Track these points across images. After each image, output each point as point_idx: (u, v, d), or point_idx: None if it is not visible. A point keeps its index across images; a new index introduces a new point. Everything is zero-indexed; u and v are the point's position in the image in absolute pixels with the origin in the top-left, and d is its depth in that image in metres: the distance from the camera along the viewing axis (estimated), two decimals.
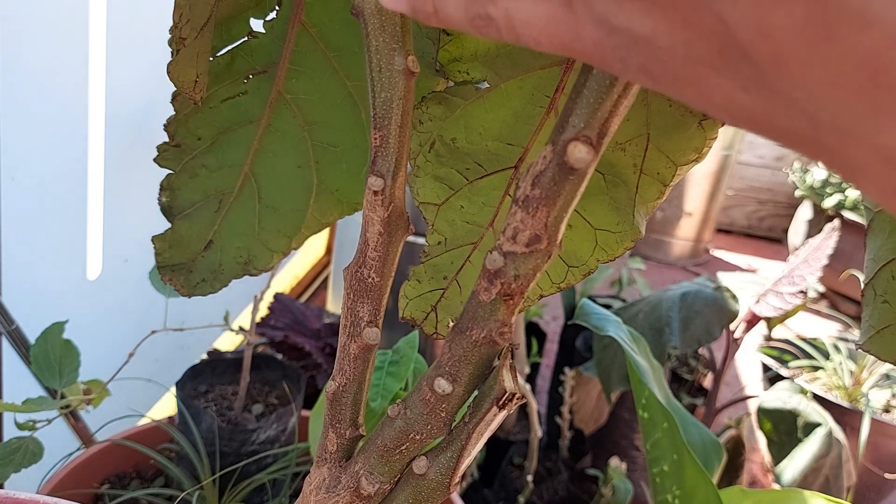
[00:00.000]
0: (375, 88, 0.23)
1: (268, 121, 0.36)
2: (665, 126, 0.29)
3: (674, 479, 0.50)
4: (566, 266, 0.33)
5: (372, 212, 0.24)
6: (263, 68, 0.34)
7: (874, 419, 1.11)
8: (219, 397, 0.77)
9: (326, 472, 0.27)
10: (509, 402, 0.23)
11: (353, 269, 0.25)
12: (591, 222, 0.32)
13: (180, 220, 0.37)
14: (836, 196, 2.46)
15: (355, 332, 0.26)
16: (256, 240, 0.38)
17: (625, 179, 0.30)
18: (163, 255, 0.37)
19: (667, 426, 0.51)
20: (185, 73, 0.29)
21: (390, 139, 0.24)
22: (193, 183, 0.36)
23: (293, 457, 0.71)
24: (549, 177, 0.19)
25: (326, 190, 0.37)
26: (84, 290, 0.84)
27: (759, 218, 3.41)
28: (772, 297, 1.05)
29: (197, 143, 0.35)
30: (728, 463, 0.88)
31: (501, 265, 0.21)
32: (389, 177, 0.24)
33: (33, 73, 0.70)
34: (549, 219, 0.20)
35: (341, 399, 0.26)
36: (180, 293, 0.37)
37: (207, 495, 0.67)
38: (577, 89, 0.19)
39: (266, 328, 1.00)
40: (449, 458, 0.24)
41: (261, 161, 0.37)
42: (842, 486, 0.92)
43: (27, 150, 0.71)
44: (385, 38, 0.23)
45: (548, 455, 1.09)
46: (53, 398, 0.64)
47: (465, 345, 0.22)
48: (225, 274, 0.38)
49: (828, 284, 2.41)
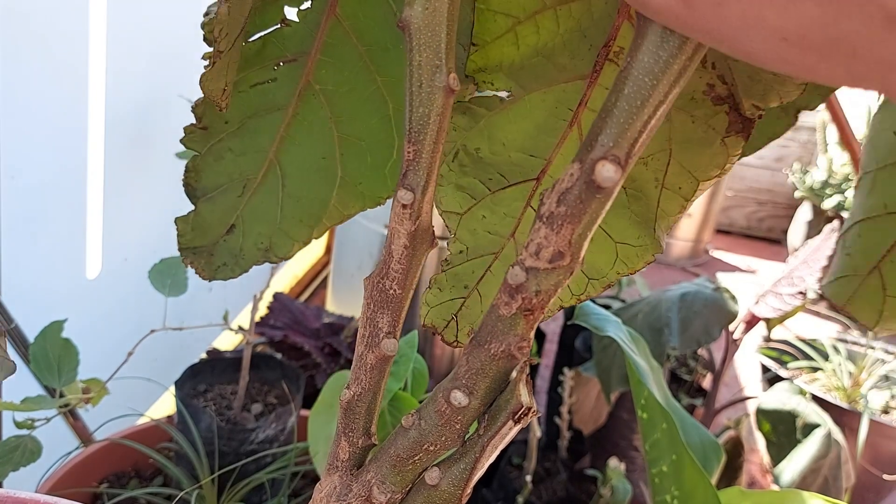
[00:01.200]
0: (413, 103, 0.23)
1: (295, 109, 0.36)
2: (688, 142, 0.29)
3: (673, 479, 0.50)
4: (587, 278, 0.33)
5: (399, 224, 0.24)
6: (294, 57, 0.34)
7: (873, 420, 1.11)
8: (218, 397, 0.77)
9: (338, 481, 0.27)
10: (525, 416, 0.23)
11: (374, 280, 0.25)
12: (612, 235, 0.32)
13: (204, 203, 0.37)
14: (836, 197, 2.46)
15: (373, 342, 0.26)
16: (278, 228, 0.38)
17: (646, 193, 0.30)
18: (185, 236, 0.37)
19: (666, 427, 0.51)
20: (216, 83, 0.29)
21: (423, 154, 0.24)
22: (218, 166, 0.36)
23: (292, 456, 0.71)
24: (575, 194, 0.20)
25: (350, 183, 0.37)
26: (83, 289, 0.84)
27: (758, 219, 3.41)
28: (771, 298, 1.05)
29: (224, 127, 0.35)
30: (727, 464, 0.88)
31: (523, 280, 0.21)
32: (419, 191, 0.24)
33: (33, 72, 0.70)
34: (574, 236, 0.20)
35: (356, 408, 0.26)
36: (201, 276, 0.37)
37: (206, 494, 0.67)
38: (608, 108, 0.19)
39: (265, 328, 1.01)
40: (462, 469, 0.24)
41: (286, 149, 0.37)
42: (840, 487, 0.92)
43: (27, 149, 0.71)
44: (429, 54, 0.23)
45: (547, 455, 1.09)
46: (52, 397, 0.64)
47: (482, 358, 0.22)
48: (246, 259, 0.38)
49: None
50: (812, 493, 0.48)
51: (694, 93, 0.28)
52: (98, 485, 0.71)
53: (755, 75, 0.26)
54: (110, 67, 0.79)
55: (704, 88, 0.28)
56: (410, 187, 0.24)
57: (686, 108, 0.28)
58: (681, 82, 0.19)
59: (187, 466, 0.70)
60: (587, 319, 0.59)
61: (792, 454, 0.95)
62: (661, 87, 0.19)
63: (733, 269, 2.85)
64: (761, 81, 0.26)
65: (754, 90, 0.27)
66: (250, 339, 0.74)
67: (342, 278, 1.34)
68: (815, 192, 2.58)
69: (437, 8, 0.22)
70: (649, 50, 0.18)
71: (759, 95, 0.27)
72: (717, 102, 0.28)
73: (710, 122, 0.28)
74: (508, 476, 1.02)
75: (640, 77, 0.19)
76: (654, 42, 0.18)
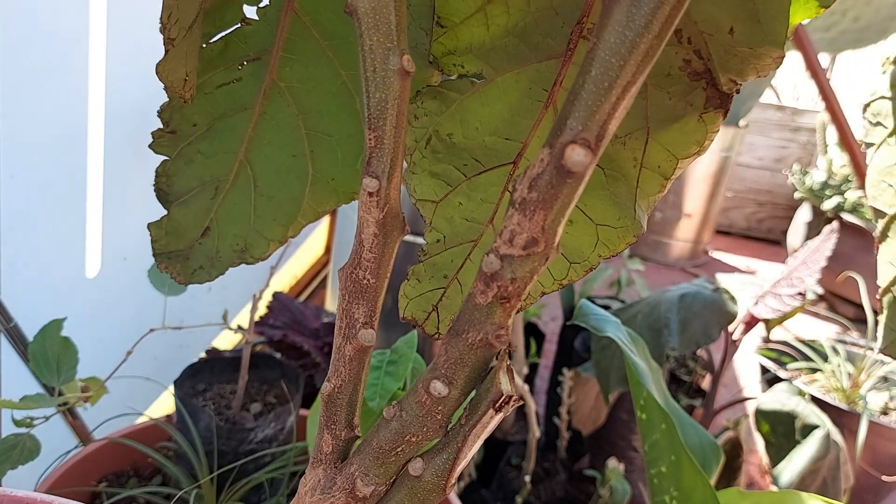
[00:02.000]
0: (370, 88, 0.23)
1: (262, 108, 0.35)
2: (665, 119, 0.28)
3: (671, 480, 0.50)
4: (568, 262, 0.32)
5: (367, 213, 0.24)
6: (257, 55, 0.34)
7: (872, 421, 1.11)
8: (217, 396, 0.77)
9: (322, 473, 0.27)
10: (506, 405, 0.23)
11: (347, 271, 0.25)
12: (592, 217, 0.31)
13: (177, 207, 0.36)
14: (836, 198, 2.46)
15: (350, 333, 0.25)
16: (252, 228, 0.38)
17: (625, 174, 0.30)
18: (159, 242, 0.37)
19: (665, 427, 0.51)
20: (174, 72, 0.28)
21: (385, 140, 0.23)
22: (189, 169, 0.36)
23: (291, 456, 0.71)
24: (546, 180, 0.19)
25: (321, 179, 0.37)
26: (83, 287, 0.84)
27: (758, 220, 3.41)
28: (770, 299, 1.05)
29: (192, 130, 0.35)
30: (726, 464, 0.88)
31: (498, 268, 0.21)
32: (385, 178, 0.24)
33: (33, 71, 0.70)
34: (547, 222, 0.20)
35: (336, 400, 0.26)
36: (177, 281, 0.37)
37: (205, 494, 0.67)
38: (576, 91, 0.19)
39: (265, 327, 1.00)
40: (445, 460, 0.24)
41: (255, 149, 0.36)
42: (839, 488, 0.92)
43: (27, 148, 0.71)
44: (379, 37, 0.23)
45: (546, 456, 1.09)
46: (51, 395, 0.64)
47: (461, 347, 0.22)
48: (222, 261, 0.38)
49: (826, 286, 2.41)
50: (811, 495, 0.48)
51: (670, 69, 0.28)
52: (97, 484, 0.71)
53: (731, 49, 0.26)
54: (110, 66, 0.79)
55: (681, 64, 0.27)
56: (375, 174, 0.24)
57: (663, 85, 0.28)
58: (649, 62, 0.18)
59: (186, 466, 0.70)
60: (586, 320, 0.59)
61: (791, 455, 0.95)
62: (629, 67, 0.18)
63: (733, 270, 2.85)
64: (737, 55, 0.26)
65: (731, 64, 0.26)
66: (249, 338, 0.74)
67: None
68: (814, 193, 2.58)
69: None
70: (615, 30, 0.18)
71: (737, 70, 0.26)
72: (694, 78, 0.27)
73: (688, 98, 0.28)
74: (508, 476, 1.02)
75: (606, 58, 0.18)
76: (620, 21, 0.18)
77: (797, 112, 3.26)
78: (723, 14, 0.26)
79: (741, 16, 0.25)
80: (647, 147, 0.29)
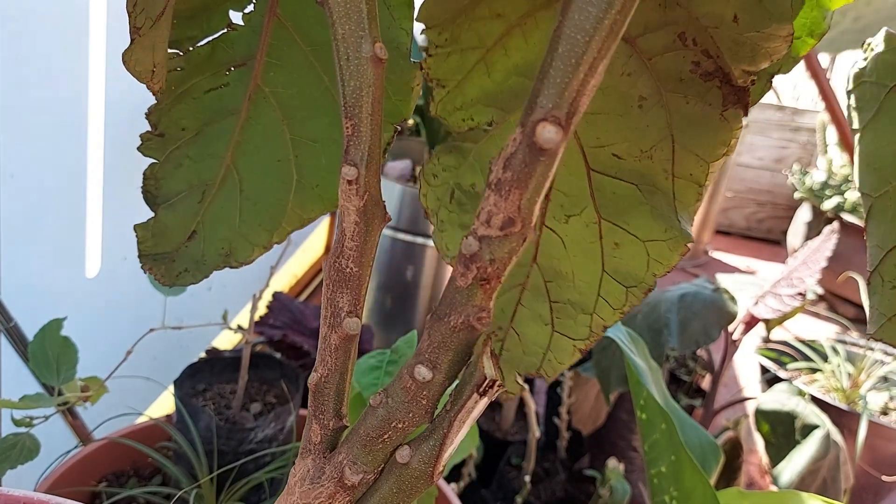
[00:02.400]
0: (344, 77, 0.23)
1: (247, 113, 0.36)
2: (687, 124, 0.28)
3: (671, 480, 0.50)
4: (624, 288, 0.31)
5: (347, 201, 0.24)
6: (242, 61, 0.34)
7: (871, 421, 1.11)
8: (217, 396, 0.77)
9: (311, 463, 0.27)
10: (490, 389, 0.23)
11: (331, 260, 0.25)
12: (639, 235, 0.30)
13: (164, 210, 0.36)
14: (836, 198, 2.46)
15: (335, 322, 0.25)
16: (238, 232, 0.38)
17: (659, 187, 0.30)
18: (145, 244, 0.37)
19: (665, 427, 0.51)
20: (140, 62, 0.28)
21: (362, 127, 0.24)
22: (177, 173, 0.36)
23: (291, 455, 0.71)
24: (519, 159, 0.19)
25: (306, 185, 0.37)
26: (82, 287, 0.84)
27: (758, 220, 3.41)
28: (770, 299, 1.05)
29: (181, 134, 0.35)
30: (726, 464, 0.88)
31: (476, 249, 0.21)
32: (363, 165, 0.24)
33: (33, 71, 0.70)
34: (522, 201, 0.20)
35: (324, 390, 0.26)
36: (161, 283, 0.37)
37: (205, 494, 0.67)
38: (545, 70, 0.19)
39: (265, 327, 1.00)
40: (432, 446, 0.24)
41: (241, 154, 0.37)
42: (839, 488, 0.92)
43: (26, 147, 0.71)
44: (350, 25, 0.23)
45: (546, 455, 1.09)
46: (51, 395, 0.64)
47: (443, 331, 0.22)
48: (207, 265, 0.38)
49: (826, 287, 2.41)
50: (811, 495, 0.48)
51: (681, 73, 0.28)
52: (97, 484, 0.71)
53: (738, 38, 0.26)
54: (110, 65, 0.79)
55: (690, 67, 0.27)
56: (353, 162, 0.24)
57: (678, 91, 0.28)
58: (615, 38, 0.19)
59: (186, 465, 0.70)
60: None
61: (791, 455, 0.95)
62: (595, 43, 0.18)
63: (733, 270, 2.85)
64: (746, 43, 0.26)
65: (742, 54, 0.26)
66: (249, 338, 0.74)
67: None
68: (814, 193, 2.58)
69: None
70: (579, 7, 0.18)
71: (748, 58, 0.26)
72: (707, 78, 0.27)
73: (706, 99, 0.28)
74: (507, 476, 1.02)
75: (572, 35, 0.18)
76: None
77: (797, 112, 3.26)
78: (723, 4, 0.25)
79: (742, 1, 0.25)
80: (674, 156, 0.29)
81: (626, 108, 0.29)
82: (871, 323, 0.31)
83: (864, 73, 0.30)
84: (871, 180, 0.31)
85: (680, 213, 0.30)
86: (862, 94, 0.31)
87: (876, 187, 0.31)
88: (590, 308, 0.32)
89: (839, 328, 2.20)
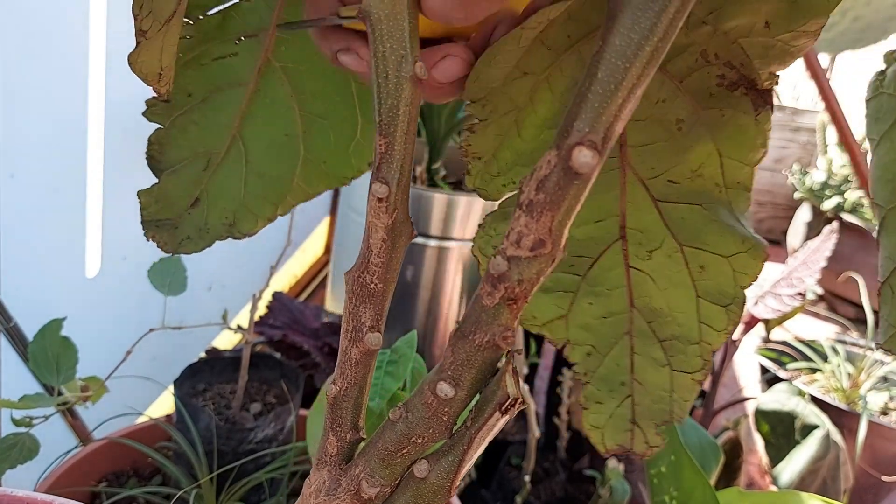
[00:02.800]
0: (381, 95, 0.23)
1: (256, 85, 0.35)
2: (727, 135, 0.29)
3: (671, 480, 0.50)
4: (722, 308, 0.31)
5: (376, 218, 0.24)
6: (254, 32, 0.34)
7: (871, 421, 1.11)
8: (217, 396, 0.77)
9: (326, 475, 0.27)
10: (512, 408, 0.23)
11: (355, 275, 0.25)
12: (721, 253, 0.30)
13: (168, 176, 0.36)
14: (835, 198, 2.46)
15: (357, 336, 0.26)
16: (242, 203, 0.38)
17: (717, 199, 0.30)
18: (148, 209, 0.36)
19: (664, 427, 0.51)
20: (147, 64, 0.28)
21: (395, 146, 0.24)
22: (182, 139, 0.36)
23: (291, 456, 0.71)
24: (553, 181, 0.19)
25: (313, 160, 0.37)
26: (82, 287, 0.84)
27: (757, 220, 3.41)
28: (770, 299, 1.05)
29: (188, 100, 0.35)
30: (725, 464, 0.88)
31: (505, 269, 0.21)
32: (394, 184, 0.24)
33: (32, 70, 0.70)
34: (554, 223, 0.20)
35: (342, 403, 0.26)
36: (163, 250, 0.37)
37: (205, 494, 0.67)
38: (582, 93, 0.19)
39: (264, 327, 1.00)
40: (451, 462, 0.24)
41: (249, 125, 0.36)
42: (839, 489, 0.92)
43: (26, 147, 0.71)
44: (392, 43, 0.23)
45: (545, 455, 1.09)
46: (51, 395, 0.64)
47: (468, 349, 0.22)
48: (210, 233, 0.38)
49: (826, 287, 2.41)
50: (810, 495, 0.48)
51: (710, 89, 0.28)
52: (97, 484, 0.71)
53: (769, 43, 0.26)
54: (111, 64, 0.79)
55: (717, 81, 0.28)
56: (385, 180, 0.24)
57: (712, 106, 0.28)
58: (655, 64, 0.19)
59: (186, 466, 0.70)
60: None
61: (790, 455, 0.95)
62: (635, 69, 0.18)
63: None
64: (777, 46, 0.26)
65: (772, 56, 0.27)
66: (249, 338, 0.74)
67: (341, 278, 1.34)
68: (814, 193, 2.58)
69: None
70: (621, 32, 0.18)
71: (778, 59, 0.27)
72: (733, 88, 0.28)
73: (739, 108, 0.28)
74: (507, 476, 1.02)
75: (612, 60, 0.18)
76: (626, 25, 0.18)
77: (797, 112, 3.26)
78: (753, 14, 0.26)
79: (776, 4, 0.25)
80: (722, 168, 0.29)
81: (668, 133, 0.29)
82: (882, 333, 0.31)
83: (882, 85, 0.31)
84: (884, 192, 0.31)
85: (742, 220, 0.30)
86: (879, 106, 0.31)
87: (889, 199, 0.31)
88: (696, 337, 0.31)
89: (839, 328, 2.20)
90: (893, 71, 0.31)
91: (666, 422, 0.33)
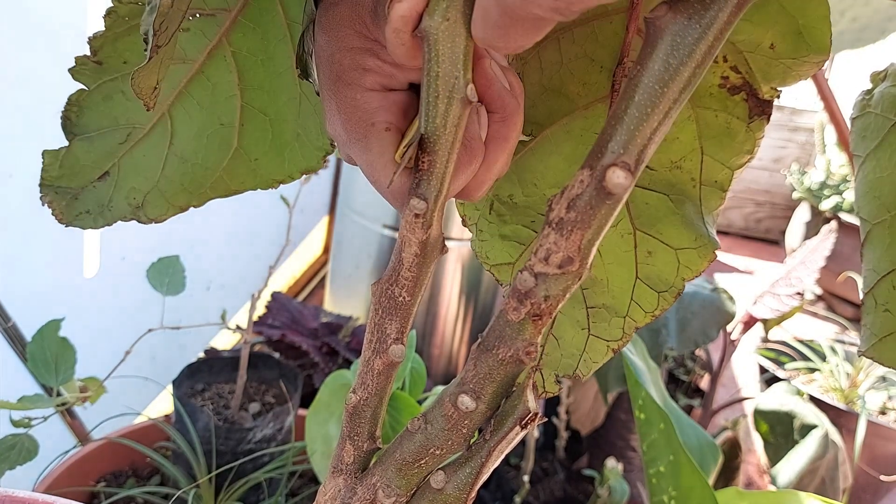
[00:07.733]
0: (430, 113, 0.24)
1: (201, 66, 0.34)
2: (716, 136, 0.29)
3: (670, 480, 0.50)
4: (656, 293, 0.33)
5: (411, 233, 0.24)
6: (212, 11, 0.33)
7: (870, 421, 1.11)
8: (215, 396, 0.77)
9: (342, 483, 0.27)
10: (532, 422, 0.23)
11: (383, 286, 0.25)
12: (671, 244, 0.32)
13: (80, 141, 0.34)
14: (834, 198, 2.47)
15: (381, 348, 0.26)
16: (155, 186, 0.36)
17: (688, 195, 0.31)
18: (50, 172, 0.34)
19: (663, 427, 0.51)
20: (147, 79, 0.28)
21: (437, 164, 0.24)
22: (105, 106, 0.34)
23: (289, 456, 0.71)
24: (585, 200, 0.20)
25: (244, 156, 0.36)
26: (81, 288, 0.84)
27: (756, 220, 3.41)
28: (769, 299, 1.05)
29: (121, 67, 0.33)
30: (724, 464, 0.88)
31: (532, 286, 0.21)
32: (432, 200, 0.24)
33: (31, 70, 0.70)
34: (583, 242, 0.20)
35: (362, 413, 0.27)
36: (57, 220, 0.35)
37: (203, 494, 0.67)
38: (618, 115, 0.19)
39: (263, 327, 1.00)
40: (468, 474, 0.24)
41: (182, 105, 0.35)
42: (838, 488, 0.92)
43: (25, 147, 0.71)
44: (448, 66, 0.23)
45: (544, 455, 1.09)
46: (50, 395, 0.64)
47: (490, 363, 0.23)
48: (113, 212, 0.36)
49: (825, 286, 2.41)
50: (809, 494, 0.48)
51: (710, 88, 0.29)
52: (95, 484, 0.71)
53: (773, 62, 0.27)
54: None
55: (719, 82, 0.28)
56: (423, 196, 0.24)
57: (707, 106, 0.29)
58: (691, 89, 0.19)
59: (185, 465, 0.70)
60: None
61: (789, 455, 0.95)
62: (671, 93, 0.19)
63: (731, 270, 2.85)
64: (780, 66, 0.27)
65: (773, 74, 0.27)
66: (248, 338, 0.74)
67: (340, 278, 1.34)
68: (813, 193, 2.58)
69: (456, 19, 0.22)
70: (660, 58, 0.19)
71: (780, 78, 0.27)
72: (734, 92, 0.28)
73: (733, 113, 0.29)
74: (506, 476, 1.02)
75: (650, 84, 0.19)
76: (665, 50, 0.19)
77: (795, 112, 3.26)
78: (763, 33, 0.26)
79: (782, 32, 0.26)
80: (702, 165, 0.30)
81: None
82: (863, 342, 0.32)
83: (869, 104, 0.32)
84: (870, 208, 0.32)
85: (705, 217, 0.31)
86: (866, 124, 0.32)
87: (875, 215, 0.32)
88: (623, 311, 0.33)
89: (837, 328, 2.20)
90: (880, 91, 0.32)
91: (567, 375, 0.35)
